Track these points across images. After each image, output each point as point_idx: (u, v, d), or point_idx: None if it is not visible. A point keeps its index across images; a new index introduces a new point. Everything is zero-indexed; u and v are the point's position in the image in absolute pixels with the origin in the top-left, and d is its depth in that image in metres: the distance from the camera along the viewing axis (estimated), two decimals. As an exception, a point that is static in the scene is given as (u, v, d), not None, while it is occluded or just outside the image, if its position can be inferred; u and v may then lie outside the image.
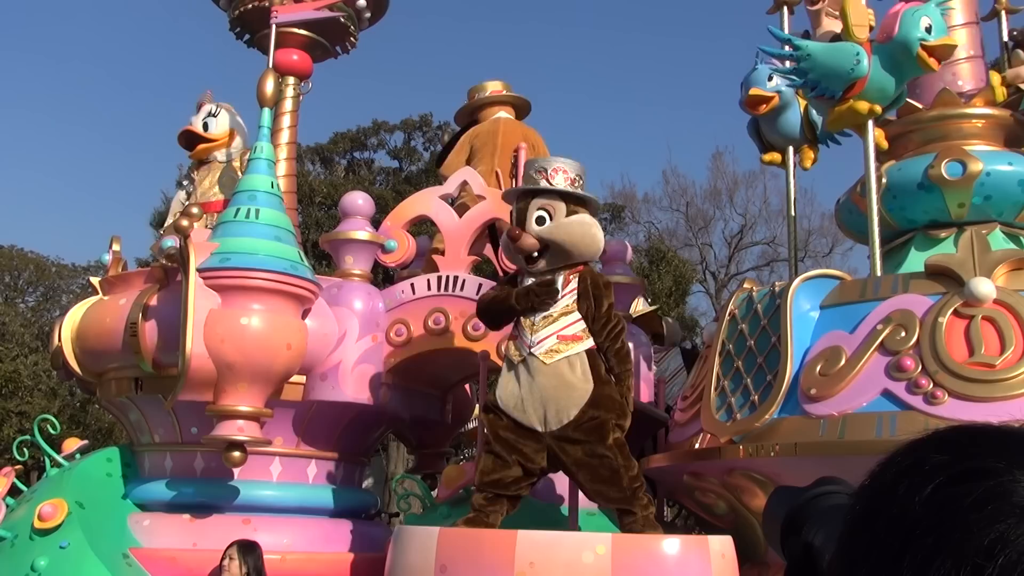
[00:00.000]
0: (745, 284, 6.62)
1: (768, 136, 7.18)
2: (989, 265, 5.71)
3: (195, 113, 7.78)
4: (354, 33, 8.37)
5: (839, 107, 6.12)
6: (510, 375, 5.30)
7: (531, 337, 5.25)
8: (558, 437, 5.12)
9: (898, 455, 0.94)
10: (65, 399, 26.40)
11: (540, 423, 5.16)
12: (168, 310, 6.28)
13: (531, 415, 5.17)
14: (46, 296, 33.19)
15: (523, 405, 5.19)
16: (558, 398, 5.14)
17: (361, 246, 7.10)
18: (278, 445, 6.66)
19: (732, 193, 32.63)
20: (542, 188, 5.32)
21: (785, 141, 7.13)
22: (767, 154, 7.25)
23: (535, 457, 5.18)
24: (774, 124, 7.07)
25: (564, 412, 5.12)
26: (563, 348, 5.21)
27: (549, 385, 5.16)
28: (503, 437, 5.23)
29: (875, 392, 5.45)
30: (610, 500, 5.21)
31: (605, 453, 5.08)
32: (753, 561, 5.92)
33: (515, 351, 5.34)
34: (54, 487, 6.52)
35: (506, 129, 8.25)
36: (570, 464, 5.16)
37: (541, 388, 5.17)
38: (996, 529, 0.81)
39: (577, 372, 5.18)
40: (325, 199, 27.08)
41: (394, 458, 23.49)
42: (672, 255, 28.12)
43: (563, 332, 5.23)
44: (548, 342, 5.22)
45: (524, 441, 5.19)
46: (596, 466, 5.10)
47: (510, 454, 5.19)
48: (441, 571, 4.74)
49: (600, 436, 5.10)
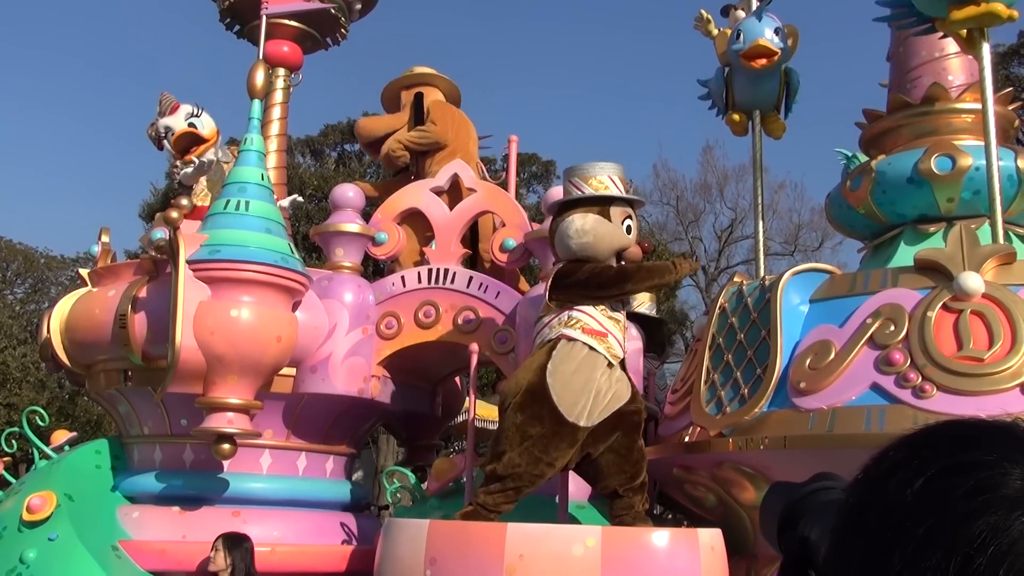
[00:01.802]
0: (735, 278, 6.63)
1: (740, 95, 7.21)
2: (978, 260, 5.73)
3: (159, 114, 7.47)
4: (345, 25, 8.35)
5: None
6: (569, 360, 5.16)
7: (619, 335, 5.32)
8: (599, 426, 5.11)
9: (890, 449, 0.95)
10: (54, 391, 26.31)
11: (587, 418, 5.07)
12: (158, 302, 6.26)
13: (581, 409, 5.07)
14: (35, 288, 33.07)
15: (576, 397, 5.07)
16: (622, 397, 5.20)
17: (351, 238, 7.09)
18: (268, 437, 6.65)
19: (722, 187, 32.68)
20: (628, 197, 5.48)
21: (757, 104, 7.23)
22: (734, 114, 7.28)
23: (558, 459, 5.11)
24: (754, 83, 7.10)
25: (614, 405, 5.15)
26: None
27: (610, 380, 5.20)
28: (535, 435, 5.08)
29: (864, 386, 5.48)
30: (620, 485, 5.23)
31: (642, 445, 5.28)
32: (742, 554, 5.94)
33: (611, 349, 5.25)
34: (43, 479, 6.50)
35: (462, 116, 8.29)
36: (602, 448, 5.16)
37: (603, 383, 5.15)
38: (986, 520, 0.82)
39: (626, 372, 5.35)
40: (315, 191, 27.02)
41: (384, 451, 23.50)
42: (662, 249, 28.13)
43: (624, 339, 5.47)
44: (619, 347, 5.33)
45: (558, 441, 5.08)
46: (625, 454, 5.19)
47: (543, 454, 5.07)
48: (431, 563, 4.74)
49: (635, 426, 5.26)
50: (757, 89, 7.13)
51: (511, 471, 5.04)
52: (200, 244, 6.12)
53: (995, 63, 7.87)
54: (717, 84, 7.43)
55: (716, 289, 25.00)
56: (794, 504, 1.57)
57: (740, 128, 7.32)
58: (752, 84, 7.10)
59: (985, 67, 6.02)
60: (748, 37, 6.85)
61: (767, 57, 6.84)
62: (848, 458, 1.02)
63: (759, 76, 7.01)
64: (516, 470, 5.04)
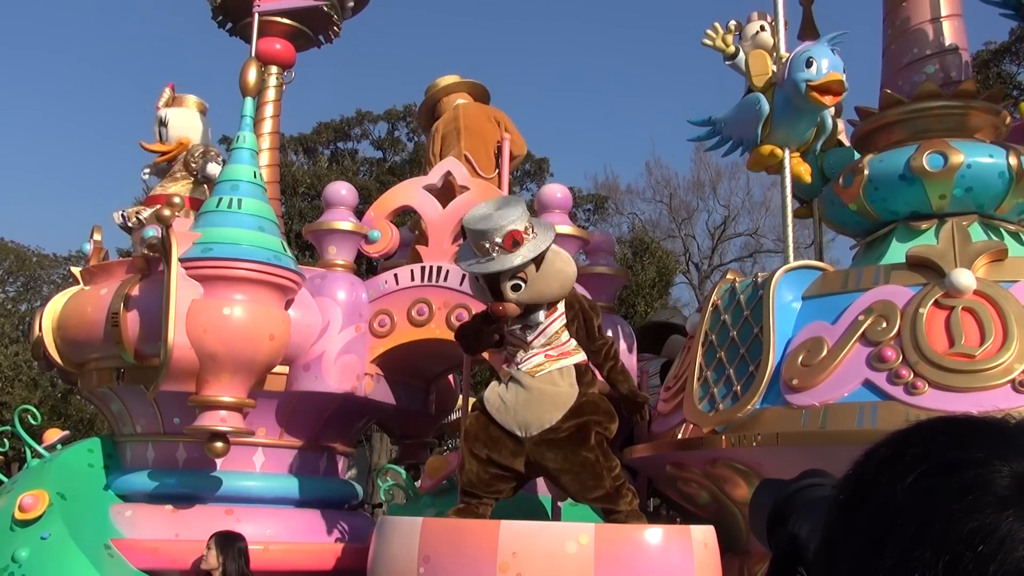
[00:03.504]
0: (728, 275, 6.63)
1: (779, 128, 6.68)
2: (970, 256, 5.74)
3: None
4: (337, 22, 8.34)
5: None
6: (497, 384, 5.30)
7: (520, 357, 5.27)
8: (538, 443, 5.08)
9: (881, 446, 0.95)
10: (46, 389, 26.26)
11: (521, 429, 5.11)
12: (150, 300, 6.24)
13: (512, 420, 5.12)
14: (26, 286, 33.00)
15: (506, 408, 5.15)
16: (543, 402, 5.12)
17: (344, 236, 7.08)
18: (261, 435, 6.65)
19: (715, 184, 32.80)
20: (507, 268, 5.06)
21: (791, 142, 6.65)
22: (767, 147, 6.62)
23: (511, 460, 5.14)
24: (800, 119, 6.58)
25: (547, 416, 5.08)
26: (551, 364, 5.22)
27: (535, 392, 5.15)
28: (479, 436, 5.19)
29: (856, 383, 5.48)
30: (595, 501, 5.21)
31: (587, 455, 5.06)
32: (735, 551, 5.95)
33: (504, 370, 5.34)
34: (35, 478, 6.48)
35: (466, 112, 8.19)
36: (552, 470, 5.13)
37: (527, 395, 5.15)
38: (976, 519, 0.83)
39: (564, 381, 5.19)
40: (308, 189, 27.01)
41: (377, 449, 23.51)
42: (655, 246, 28.18)
43: (550, 352, 5.25)
44: (536, 359, 5.23)
45: (501, 444, 5.14)
46: (578, 471, 5.07)
47: (483, 451, 5.15)
48: (424, 561, 4.74)
49: (582, 439, 5.08)
50: (800, 125, 6.54)
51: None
52: (193, 242, 6.11)
53: (986, 60, 7.86)
54: (749, 112, 6.59)
55: (709, 286, 25.06)
56: (783, 501, 1.57)
57: (772, 163, 6.53)
58: (798, 119, 6.55)
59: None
60: (823, 68, 6.16)
61: (839, 95, 6.35)
62: (841, 455, 1.03)
63: (803, 112, 6.50)
64: None
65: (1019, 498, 0.83)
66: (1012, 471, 0.85)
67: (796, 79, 6.18)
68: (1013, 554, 0.80)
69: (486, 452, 5.15)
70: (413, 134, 31.72)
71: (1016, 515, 0.82)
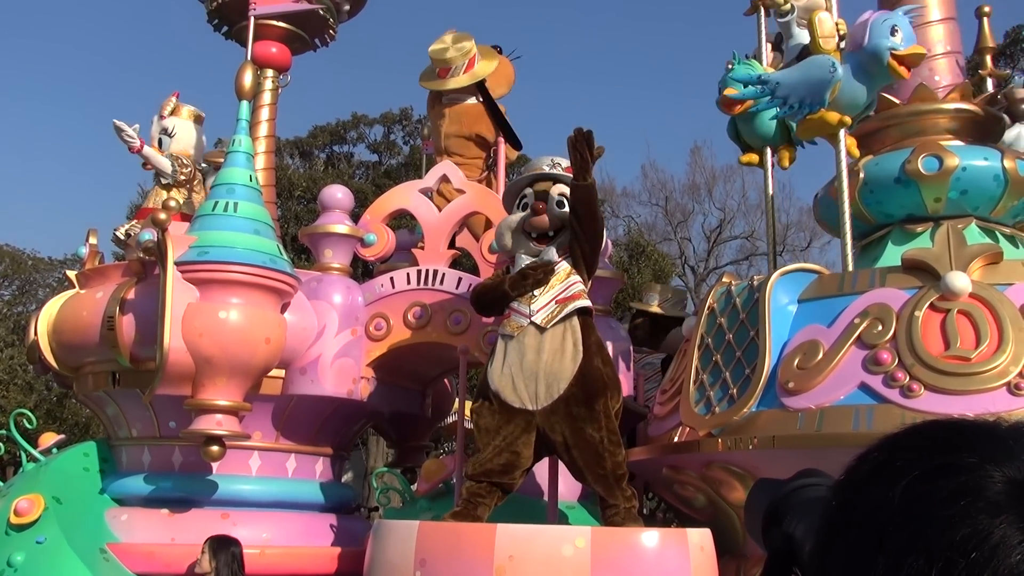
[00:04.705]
0: (724, 278, 6.63)
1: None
2: (965, 259, 5.76)
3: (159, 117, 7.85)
4: (333, 26, 8.33)
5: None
6: (501, 352, 5.35)
7: (530, 307, 5.33)
8: (549, 412, 5.15)
9: (873, 450, 0.95)
10: (42, 393, 26.18)
11: (532, 400, 5.19)
12: (146, 304, 6.24)
13: (522, 392, 5.20)
14: (22, 290, 32.88)
15: (514, 383, 5.23)
16: (551, 369, 5.20)
17: (340, 240, 7.08)
18: (257, 439, 6.64)
19: (711, 187, 32.76)
20: (564, 176, 5.51)
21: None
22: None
23: (519, 445, 5.19)
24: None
25: (555, 385, 5.17)
26: (561, 309, 5.32)
27: (543, 355, 5.22)
28: (484, 427, 5.26)
29: (852, 385, 5.49)
30: (594, 482, 5.23)
31: (593, 434, 5.15)
32: (732, 554, 5.95)
33: (511, 325, 5.38)
34: (30, 482, 6.47)
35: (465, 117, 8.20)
36: (559, 443, 5.19)
37: (533, 362, 5.22)
38: (968, 525, 0.82)
39: (569, 342, 5.27)
40: (304, 193, 26.99)
41: (374, 452, 23.47)
42: (651, 249, 28.17)
43: (560, 296, 5.36)
44: (548, 308, 5.32)
45: (509, 427, 5.20)
46: (583, 447, 5.15)
47: (493, 441, 5.21)
48: (420, 565, 4.74)
49: (590, 415, 5.16)
50: (867, 94, 6.20)
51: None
52: (188, 245, 6.11)
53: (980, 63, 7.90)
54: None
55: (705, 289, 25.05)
56: (779, 501, 1.58)
57: (832, 131, 6.23)
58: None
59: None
60: (910, 39, 5.98)
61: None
62: (836, 457, 1.03)
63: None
64: None
65: (1012, 503, 0.83)
66: (1004, 476, 0.85)
67: (879, 45, 5.89)
68: (1007, 560, 0.80)
69: (500, 439, 5.20)
70: (409, 137, 31.72)
71: (1009, 521, 0.82)
